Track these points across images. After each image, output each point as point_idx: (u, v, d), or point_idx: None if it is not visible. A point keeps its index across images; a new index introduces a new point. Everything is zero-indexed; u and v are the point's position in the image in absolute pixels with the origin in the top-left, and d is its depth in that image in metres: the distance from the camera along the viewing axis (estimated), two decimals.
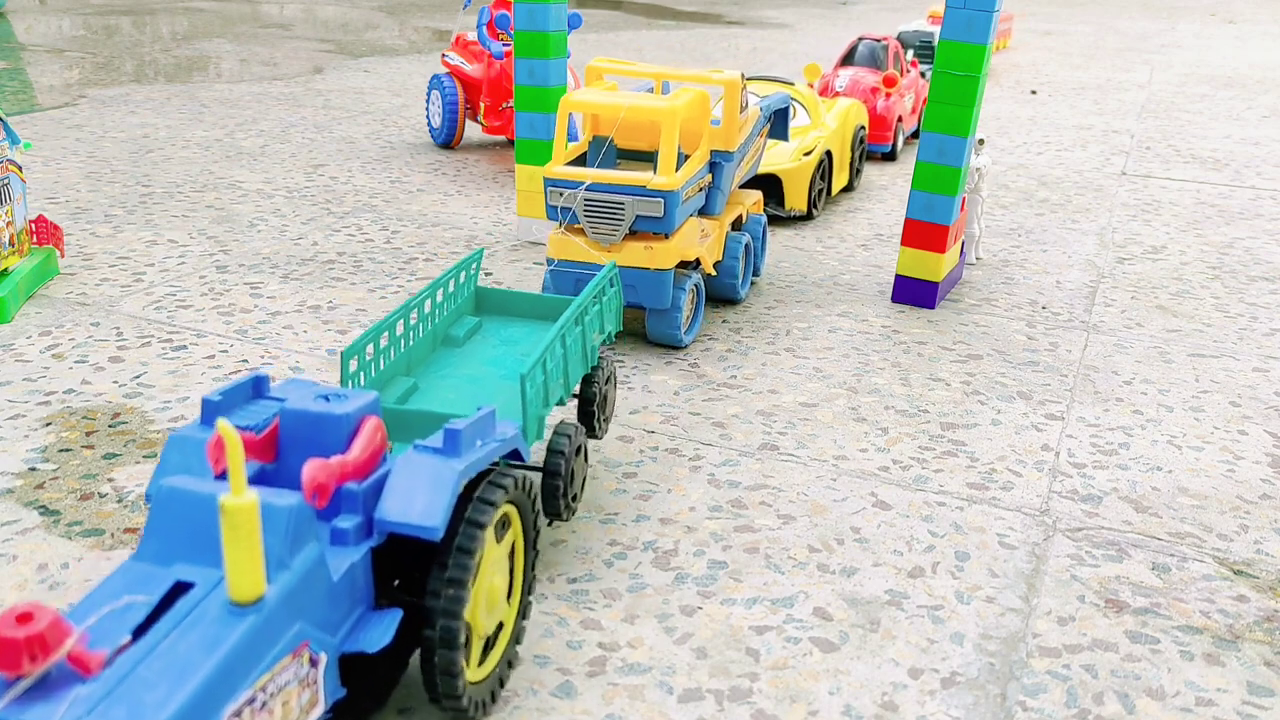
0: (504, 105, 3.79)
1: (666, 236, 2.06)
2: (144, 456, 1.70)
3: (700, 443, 1.82)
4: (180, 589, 0.91)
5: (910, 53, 4.56)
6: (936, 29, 4.73)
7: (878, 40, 4.18)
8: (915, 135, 4.38)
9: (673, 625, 1.35)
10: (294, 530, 0.93)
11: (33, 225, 2.40)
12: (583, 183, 2.02)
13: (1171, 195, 3.68)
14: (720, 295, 2.43)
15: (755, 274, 2.59)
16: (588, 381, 1.60)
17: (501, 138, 4.05)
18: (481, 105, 3.87)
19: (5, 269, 2.28)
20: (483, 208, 3.23)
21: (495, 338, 1.68)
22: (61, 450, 1.71)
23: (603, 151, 2.23)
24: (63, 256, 2.53)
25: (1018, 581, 1.48)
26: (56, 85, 4.84)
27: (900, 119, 4.11)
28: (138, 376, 1.99)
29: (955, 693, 1.25)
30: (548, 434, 1.74)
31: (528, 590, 1.26)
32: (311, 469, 0.98)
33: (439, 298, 1.65)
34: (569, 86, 3.07)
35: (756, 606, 1.39)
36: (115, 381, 1.96)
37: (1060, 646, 1.34)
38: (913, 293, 2.53)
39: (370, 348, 1.44)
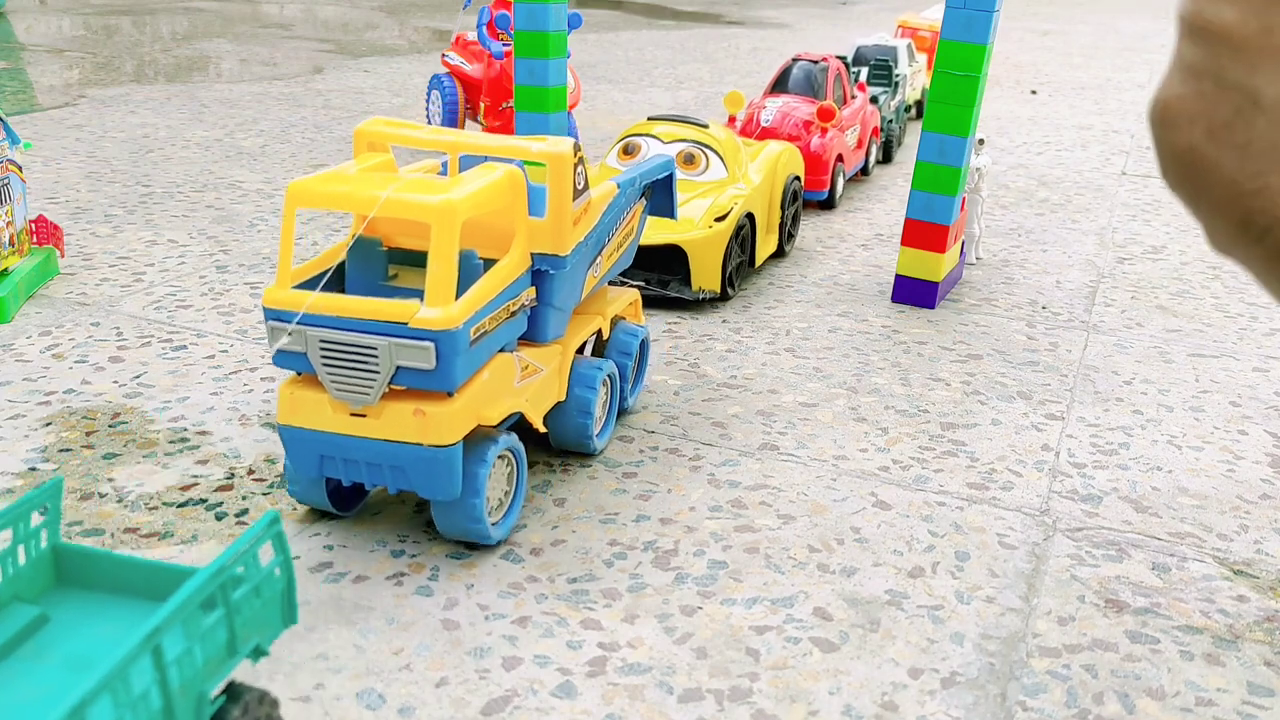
0: (504, 105, 3.79)
1: (449, 394, 1.37)
2: (144, 456, 1.70)
3: (700, 443, 1.82)
4: None
5: (863, 73, 3.94)
6: (899, 44, 4.29)
7: (815, 62, 3.52)
8: (864, 172, 3.74)
9: (673, 625, 1.35)
10: None
11: (33, 225, 2.40)
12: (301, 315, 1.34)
13: (1171, 195, 3.68)
14: (565, 445, 1.73)
15: (624, 406, 1.88)
16: None
17: None
18: (481, 105, 3.87)
19: (5, 269, 2.28)
20: None
21: (62, 647, 0.96)
22: (61, 450, 1.71)
23: (341, 257, 1.49)
24: (63, 256, 2.53)
25: (1018, 581, 1.48)
26: (56, 85, 4.84)
27: (840, 158, 3.35)
28: (138, 376, 1.99)
29: (955, 693, 1.25)
30: None
31: None
32: None
33: None
34: (569, 87, 3.07)
35: (756, 606, 1.39)
36: (115, 381, 1.96)
37: (1060, 646, 1.35)
38: (913, 293, 2.53)
39: None
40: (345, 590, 1.38)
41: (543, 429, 1.62)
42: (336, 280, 1.52)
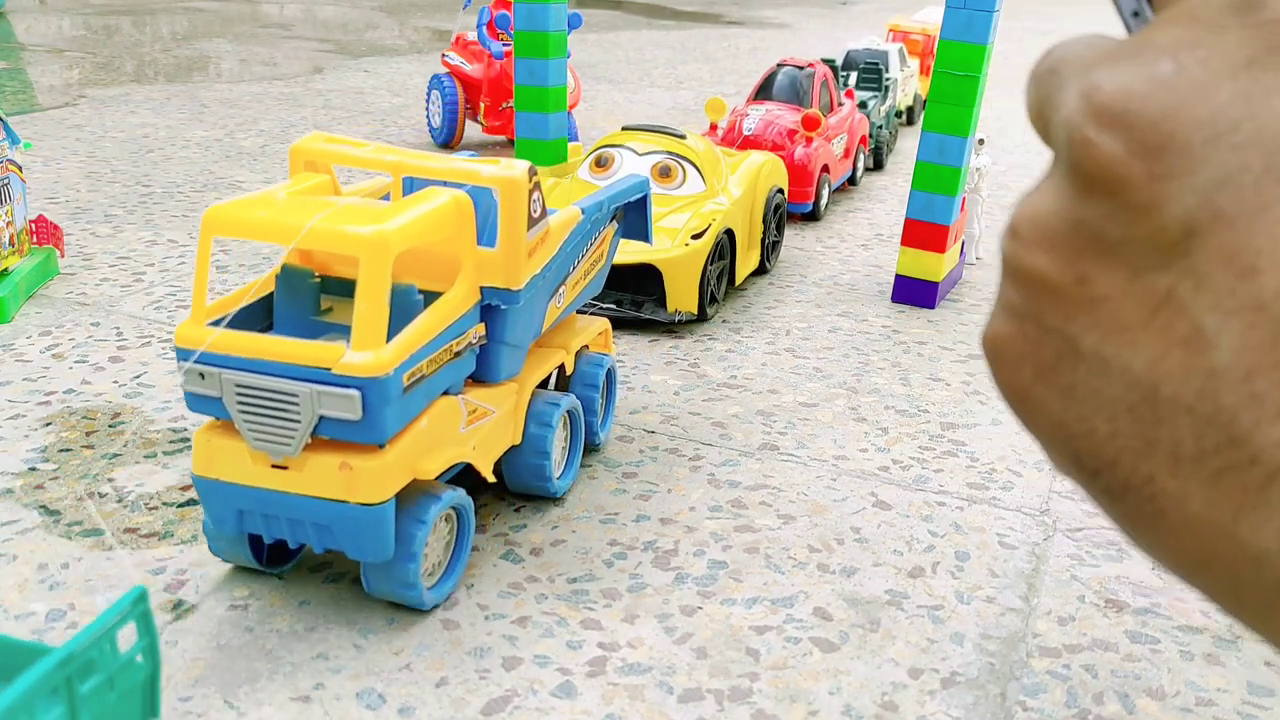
0: (504, 105, 3.79)
1: (380, 446, 1.23)
2: (144, 456, 1.70)
3: (700, 443, 1.82)
4: None
5: (853, 77, 3.85)
6: (891, 48, 4.23)
7: (801, 67, 3.35)
8: (851, 181, 3.60)
9: (673, 625, 1.35)
10: None
11: (33, 225, 2.40)
12: (202, 355, 1.21)
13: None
14: (524, 489, 1.59)
15: (594, 443, 1.75)
16: None
17: (501, 138, 4.06)
18: (481, 105, 3.87)
19: (5, 269, 2.28)
20: None
21: None
22: (61, 450, 1.71)
23: (256, 287, 1.35)
24: (63, 256, 2.53)
25: (1018, 581, 1.48)
26: (56, 85, 4.84)
27: (826, 168, 3.19)
28: (138, 376, 1.99)
29: (955, 693, 1.25)
30: None
31: None
32: None
33: None
34: (569, 87, 3.07)
35: (756, 606, 1.39)
36: (115, 381, 1.96)
37: (1060, 646, 1.35)
38: (913, 293, 2.53)
39: None
40: (345, 590, 1.38)
41: (493, 479, 1.46)
42: (265, 314, 1.39)
